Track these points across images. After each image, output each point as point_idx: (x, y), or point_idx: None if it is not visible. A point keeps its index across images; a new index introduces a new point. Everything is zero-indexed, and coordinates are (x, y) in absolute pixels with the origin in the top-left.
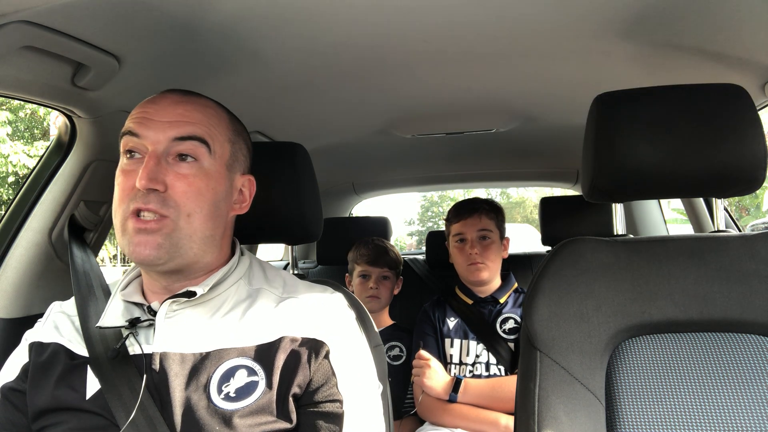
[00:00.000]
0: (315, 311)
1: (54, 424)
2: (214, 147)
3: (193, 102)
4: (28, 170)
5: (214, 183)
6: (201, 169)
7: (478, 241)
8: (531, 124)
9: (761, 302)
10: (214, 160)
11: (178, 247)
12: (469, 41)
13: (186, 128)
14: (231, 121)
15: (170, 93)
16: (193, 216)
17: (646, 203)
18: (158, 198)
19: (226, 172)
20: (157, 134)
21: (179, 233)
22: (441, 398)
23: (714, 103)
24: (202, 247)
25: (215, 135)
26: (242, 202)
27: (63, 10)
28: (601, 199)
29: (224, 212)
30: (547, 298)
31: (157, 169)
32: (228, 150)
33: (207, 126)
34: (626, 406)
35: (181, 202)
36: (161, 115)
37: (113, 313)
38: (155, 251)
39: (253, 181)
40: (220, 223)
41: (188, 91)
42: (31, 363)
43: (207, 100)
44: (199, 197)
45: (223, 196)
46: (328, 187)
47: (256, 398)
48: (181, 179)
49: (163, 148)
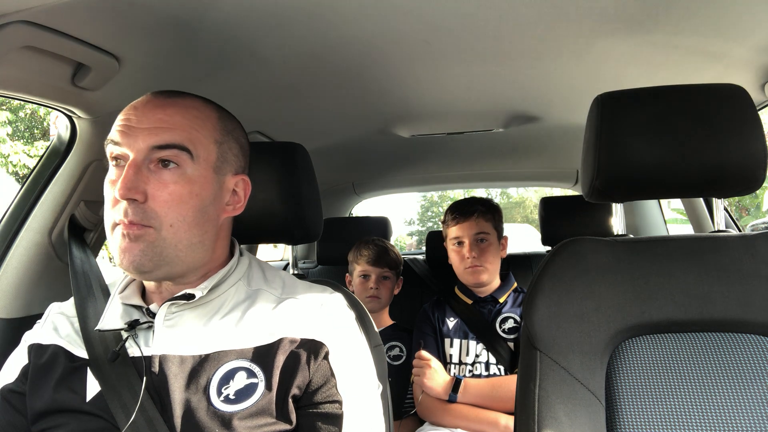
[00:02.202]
0: (314, 312)
1: (54, 427)
2: (197, 152)
3: (174, 105)
4: (28, 170)
5: (198, 189)
6: (183, 176)
7: (475, 244)
8: (531, 124)
9: (761, 302)
10: (198, 164)
11: (162, 256)
12: (469, 41)
13: (164, 136)
14: (219, 120)
15: (153, 96)
16: (176, 225)
17: (646, 203)
18: (138, 209)
19: (213, 174)
20: (137, 142)
21: (163, 243)
22: (441, 398)
23: (714, 103)
24: (189, 255)
25: (198, 139)
26: (236, 203)
27: (63, 10)
28: (601, 199)
29: (213, 216)
30: (547, 298)
31: (136, 178)
32: (214, 152)
33: (188, 130)
34: (626, 406)
35: (161, 212)
36: (141, 121)
37: (112, 315)
38: (139, 258)
39: (247, 181)
40: (209, 228)
41: (172, 92)
42: (31, 365)
43: (192, 100)
44: (181, 206)
45: (210, 201)
46: (328, 187)
47: (256, 400)
48: (161, 188)
49: (143, 156)
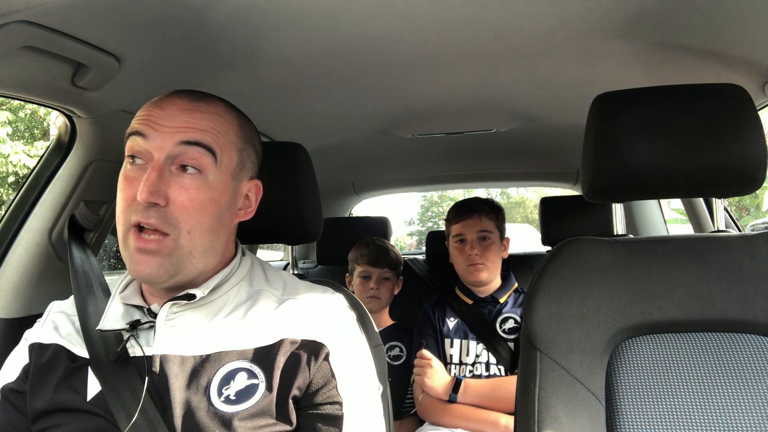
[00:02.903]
0: (315, 313)
1: (54, 426)
2: (221, 157)
3: (201, 109)
4: (28, 170)
5: (217, 195)
6: (204, 182)
7: (477, 242)
8: (531, 124)
9: (761, 302)
10: (220, 170)
11: (178, 265)
12: (469, 41)
13: (194, 134)
14: (241, 127)
15: (178, 98)
16: (193, 232)
17: (646, 203)
18: (159, 213)
19: (232, 181)
20: (164, 140)
21: (180, 252)
22: (441, 398)
23: (714, 103)
24: (202, 261)
25: (224, 144)
26: (248, 207)
27: (63, 10)
28: (601, 199)
29: (227, 222)
30: (547, 298)
31: (159, 181)
32: (235, 159)
33: (216, 134)
34: (626, 406)
35: (181, 218)
36: (168, 120)
37: (113, 315)
38: (155, 270)
39: (260, 185)
40: (222, 233)
41: (197, 94)
42: (32, 364)
43: (216, 104)
44: (201, 212)
45: (226, 207)
46: (328, 187)
47: (256, 401)
48: (183, 192)
49: (166, 154)
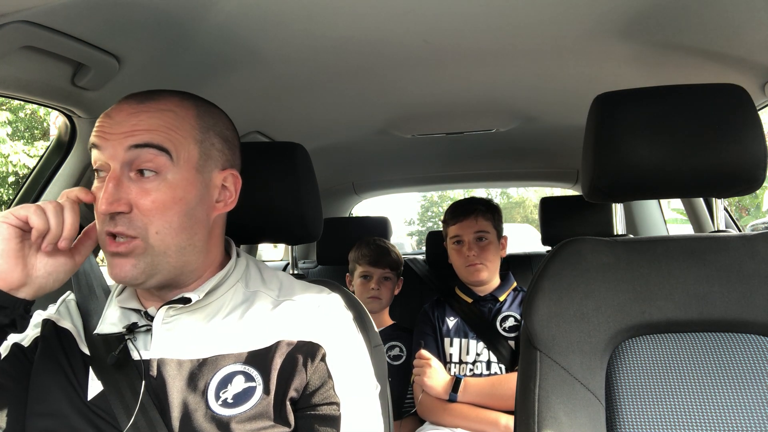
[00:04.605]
0: (311, 314)
1: (54, 425)
2: (177, 153)
3: (148, 109)
4: (28, 170)
5: (182, 193)
6: (164, 182)
7: (475, 243)
8: (531, 124)
9: (761, 302)
10: (179, 167)
11: (153, 265)
12: (469, 41)
13: (142, 136)
14: (198, 117)
15: (126, 103)
16: (162, 233)
17: (646, 203)
18: (124, 219)
19: (197, 175)
20: (115, 148)
21: (152, 251)
22: (441, 398)
23: (714, 103)
24: (180, 259)
25: (177, 140)
26: (228, 198)
27: (63, 10)
28: (601, 199)
29: (203, 217)
30: (547, 298)
31: (117, 191)
32: (195, 151)
33: (166, 131)
34: (626, 406)
35: (147, 221)
36: (117, 128)
37: (110, 319)
38: (131, 271)
39: (236, 174)
40: (198, 229)
41: (146, 94)
42: (42, 338)
43: (167, 100)
44: (166, 213)
45: (196, 202)
46: (328, 187)
47: (254, 404)
48: (144, 196)
49: (120, 162)
